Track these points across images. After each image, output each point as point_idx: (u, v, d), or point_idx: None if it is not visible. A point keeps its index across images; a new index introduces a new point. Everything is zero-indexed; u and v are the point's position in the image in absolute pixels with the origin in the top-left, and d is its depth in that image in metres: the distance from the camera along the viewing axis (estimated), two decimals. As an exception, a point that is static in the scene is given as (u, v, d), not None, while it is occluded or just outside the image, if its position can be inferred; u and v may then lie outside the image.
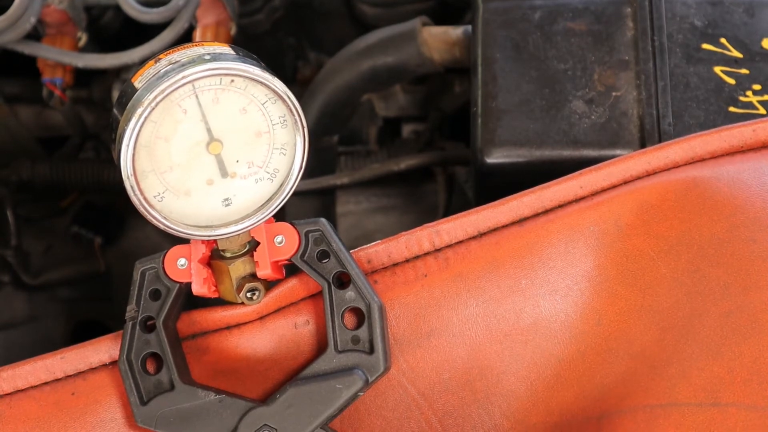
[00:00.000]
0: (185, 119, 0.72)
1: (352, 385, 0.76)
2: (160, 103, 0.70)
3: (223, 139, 0.73)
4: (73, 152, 1.46)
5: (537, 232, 0.82)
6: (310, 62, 1.50)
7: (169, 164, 0.73)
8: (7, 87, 1.45)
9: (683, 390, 0.74)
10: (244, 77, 0.72)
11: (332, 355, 0.78)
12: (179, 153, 0.73)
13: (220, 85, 0.72)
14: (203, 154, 0.74)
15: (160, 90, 0.70)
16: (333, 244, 0.79)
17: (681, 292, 0.78)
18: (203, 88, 0.72)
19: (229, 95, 0.72)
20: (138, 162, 0.72)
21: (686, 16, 1.06)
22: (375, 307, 0.78)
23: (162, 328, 0.79)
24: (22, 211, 1.42)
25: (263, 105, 0.73)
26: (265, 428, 0.76)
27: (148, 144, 0.72)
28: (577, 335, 0.80)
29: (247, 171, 0.75)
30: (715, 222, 0.79)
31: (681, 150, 0.84)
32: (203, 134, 0.73)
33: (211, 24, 1.29)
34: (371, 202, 1.38)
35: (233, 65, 0.71)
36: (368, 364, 0.77)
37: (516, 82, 1.05)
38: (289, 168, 0.76)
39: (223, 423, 0.77)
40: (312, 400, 0.76)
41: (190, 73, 0.70)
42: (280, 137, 0.75)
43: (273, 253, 0.79)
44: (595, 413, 0.77)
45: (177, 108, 0.72)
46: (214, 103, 0.72)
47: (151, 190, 0.73)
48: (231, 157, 0.74)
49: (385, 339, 0.78)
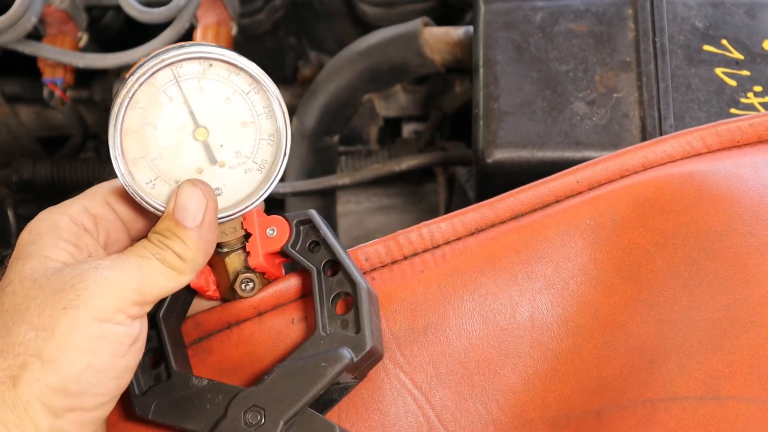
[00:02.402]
0: (170, 105, 0.75)
1: (337, 362, 0.76)
2: (143, 87, 0.74)
3: (209, 126, 0.76)
4: (74, 152, 1.46)
5: (533, 227, 0.82)
6: (310, 62, 1.50)
7: (158, 151, 0.75)
8: (8, 87, 1.46)
9: (683, 384, 0.74)
10: (221, 62, 0.75)
11: (319, 337, 0.78)
12: (166, 137, 0.75)
13: (201, 72, 0.75)
14: (190, 140, 0.76)
15: (141, 72, 0.73)
16: (322, 233, 0.80)
17: (678, 285, 0.78)
18: (186, 76, 0.75)
19: (212, 84, 0.75)
20: (128, 147, 0.75)
21: (687, 17, 1.07)
22: (361, 289, 0.78)
23: (162, 323, 0.80)
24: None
25: (246, 95, 0.76)
26: (253, 408, 0.76)
27: (138, 130, 0.75)
28: (573, 329, 0.80)
29: (236, 161, 0.77)
30: (712, 215, 0.79)
31: (677, 144, 0.84)
32: (188, 119, 0.75)
33: (212, 24, 1.29)
34: (372, 202, 1.38)
35: (210, 49, 0.74)
36: (354, 343, 0.77)
37: (517, 84, 1.05)
38: (275, 158, 0.78)
39: (215, 408, 0.77)
40: (298, 379, 0.76)
41: (168, 56, 0.74)
42: (266, 127, 0.77)
43: (265, 244, 0.81)
44: (593, 407, 0.77)
45: (162, 95, 0.75)
46: (198, 91, 0.75)
47: (144, 176, 0.75)
48: (217, 143, 0.76)
49: (373, 321, 0.78)
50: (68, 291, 0.69)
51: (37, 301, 0.69)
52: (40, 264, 0.71)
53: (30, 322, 0.68)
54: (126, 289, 0.70)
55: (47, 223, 0.74)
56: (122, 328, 0.70)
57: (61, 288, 0.69)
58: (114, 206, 0.77)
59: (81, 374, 0.68)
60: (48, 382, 0.67)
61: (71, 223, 0.74)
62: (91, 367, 0.69)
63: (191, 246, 0.73)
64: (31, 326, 0.68)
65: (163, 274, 0.72)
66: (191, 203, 0.74)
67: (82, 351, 0.68)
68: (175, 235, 0.73)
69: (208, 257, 0.75)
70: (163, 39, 1.23)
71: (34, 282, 0.70)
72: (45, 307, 0.69)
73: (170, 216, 0.73)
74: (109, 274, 0.70)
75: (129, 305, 0.70)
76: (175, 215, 0.73)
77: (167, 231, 0.73)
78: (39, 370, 0.67)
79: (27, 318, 0.69)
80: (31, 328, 0.68)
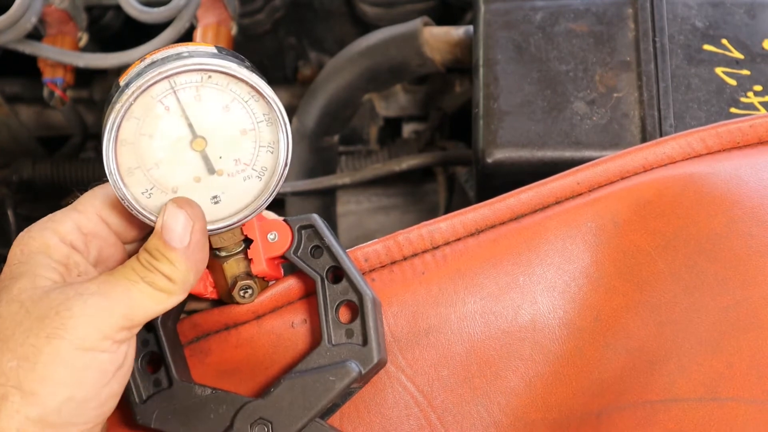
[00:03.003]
0: (167, 116, 0.73)
1: (345, 376, 0.76)
2: (139, 99, 0.71)
3: (207, 136, 0.74)
4: (74, 152, 1.46)
5: (534, 229, 0.82)
6: (310, 62, 1.50)
7: (154, 161, 0.73)
8: (8, 87, 1.45)
9: (682, 385, 0.74)
10: (220, 73, 0.72)
11: (326, 348, 0.78)
12: (163, 149, 0.73)
13: (200, 82, 0.72)
14: (187, 151, 0.74)
15: (137, 86, 0.71)
16: (325, 239, 0.79)
17: (679, 287, 0.78)
18: (183, 85, 0.72)
19: (210, 92, 0.73)
20: (123, 158, 0.73)
21: (687, 17, 1.07)
22: (367, 300, 0.78)
23: (160, 328, 0.79)
24: (22, 210, 1.42)
25: (246, 102, 0.74)
26: (260, 421, 0.76)
27: (133, 140, 0.72)
28: (574, 331, 0.80)
29: (235, 168, 0.75)
30: (713, 217, 0.79)
31: (678, 146, 0.84)
32: (185, 131, 0.73)
33: (212, 24, 1.29)
34: (372, 202, 1.38)
35: (209, 61, 0.72)
36: (362, 356, 0.77)
37: (517, 83, 1.05)
38: (275, 166, 0.76)
39: (219, 418, 0.77)
40: (305, 392, 0.76)
41: (167, 68, 0.71)
42: (265, 135, 0.75)
43: (267, 250, 0.80)
44: (594, 409, 0.77)
45: (159, 105, 0.72)
46: (195, 100, 0.73)
47: (139, 187, 0.74)
48: (216, 154, 0.74)
49: (378, 331, 0.78)
50: (53, 318, 0.68)
51: (21, 327, 0.68)
52: (29, 285, 0.70)
53: (13, 351, 0.68)
54: (113, 315, 0.69)
55: (38, 242, 0.73)
56: (107, 356, 0.69)
57: (46, 315, 0.68)
58: (107, 219, 0.76)
59: (62, 406, 0.68)
60: (28, 414, 0.67)
61: (61, 244, 0.73)
62: (73, 399, 0.68)
63: (180, 267, 0.72)
64: (13, 355, 0.68)
65: (152, 297, 0.71)
66: (177, 225, 0.72)
67: (64, 383, 0.68)
68: (163, 256, 0.71)
69: (199, 275, 0.74)
70: (163, 39, 1.23)
71: (21, 305, 0.69)
72: (29, 336, 0.68)
73: (158, 235, 0.72)
74: (95, 301, 0.69)
75: (116, 331, 0.69)
76: (162, 236, 0.72)
77: (156, 251, 0.72)
78: (19, 402, 0.67)
79: (11, 345, 0.68)
80: (13, 357, 0.67)
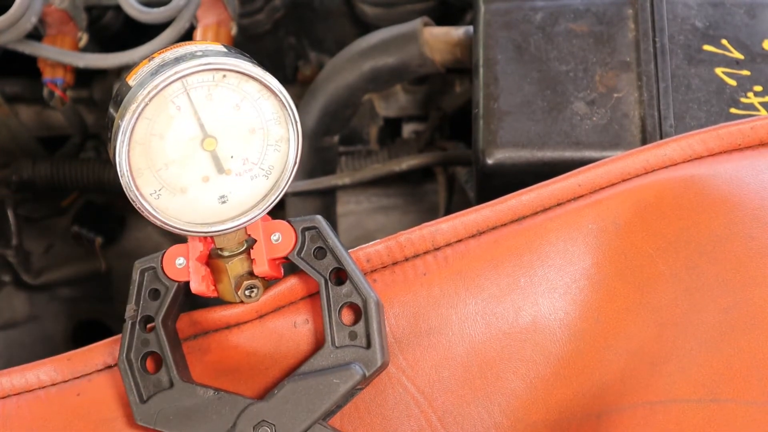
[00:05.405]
0: (179, 116, 0.73)
1: (349, 379, 0.76)
2: (153, 99, 0.71)
3: (218, 135, 0.74)
4: (74, 152, 1.46)
5: (536, 231, 0.82)
6: (310, 62, 1.50)
7: (164, 161, 0.73)
8: (8, 87, 1.45)
9: (682, 386, 0.74)
10: (235, 72, 0.73)
11: (329, 350, 0.78)
12: (174, 150, 0.73)
13: (213, 81, 0.72)
14: (198, 151, 0.74)
15: (153, 86, 0.71)
16: (329, 240, 0.79)
17: (679, 288, 0.78)
18: (195, 84, 0.72)
19: (221, 92, 0.73)
20: (133, 159, 0.72)
21: (687, 17, 1.07)
22: (371, 302, 0.78)
23: (161, 327, 0.79)
24: (22, 210, 1.42)
25: (256, 101, 0.74)
26: (263, 424, 0.76)
27: (144, 141, 0.72)
28: (575, 333, 0.80)
29: (242, 168, 0.75)
30: (713, 219, 0.79)
31: (679, 148, 0.84)
32: (197, 130, 0.73)
33: (212, 24, 1.29)
34: (372, 202, 1.38)
35: (224, 60, 0.72)
36: (365, 359, 0.77)
37: (517, 84, 1.05)
38: (283, 164, 0.76)
39: (222, 420, 0.77)
40: (309, 395, 0.76)
41: (182, 68, 0.71)
42: (274, 133, 0.75)
43: (270, 251, 0.80)
44: (594, 410, 0.77)
45: (170, 105, 0.72)
46: (207, 99, 0.73)
47: (148, 187, 0.74)
48: (226, 153, 0.74)
49: (382, 333, 0.78)
50: None
51: None
52: None
53: None
54: None
55: None
56: None
57: None
58: None
59: None
60: None
61: None
62: None
63: None
64: None
65: None
66: None
67: None
68: None
69: None
70: (163, 39, 1.23)
71: None
72: None
73: None
74: None
75: None
76: None
77: None
78: None
79: None
80: None
